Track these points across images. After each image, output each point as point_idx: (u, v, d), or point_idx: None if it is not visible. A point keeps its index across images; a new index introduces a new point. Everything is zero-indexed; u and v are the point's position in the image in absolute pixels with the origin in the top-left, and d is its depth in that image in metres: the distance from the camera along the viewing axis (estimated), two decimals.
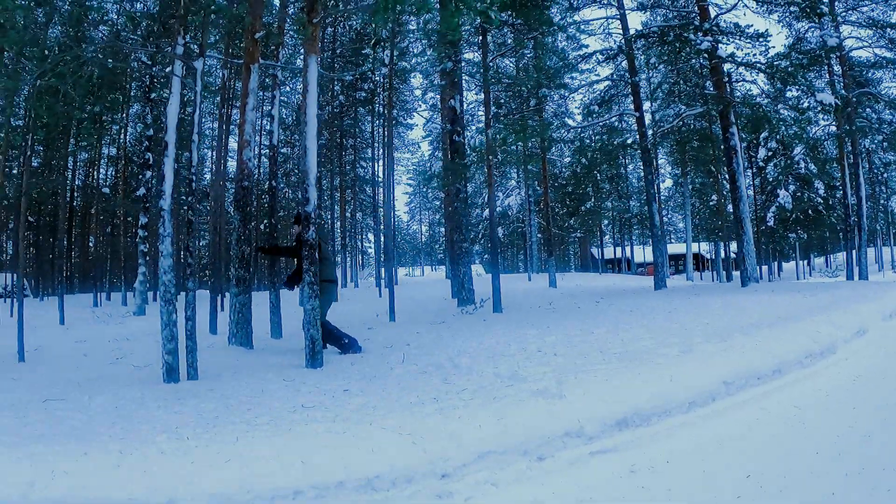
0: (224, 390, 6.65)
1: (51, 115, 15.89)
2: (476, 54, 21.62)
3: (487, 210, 30.88)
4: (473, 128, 38.25)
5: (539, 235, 41.32)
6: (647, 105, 31.15)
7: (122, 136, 29.43)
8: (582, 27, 18.94)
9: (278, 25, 12.82)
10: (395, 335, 10.78)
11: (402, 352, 8.77)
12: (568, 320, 11.32)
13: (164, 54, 9.97)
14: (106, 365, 9.26)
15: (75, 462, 4.37)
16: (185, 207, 8.61)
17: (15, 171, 26.48)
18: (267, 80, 17.05)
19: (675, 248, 48.47)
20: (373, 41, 27.20)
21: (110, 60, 12.04)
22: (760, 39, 17.61)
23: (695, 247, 43.20)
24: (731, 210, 19.17)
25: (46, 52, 8.94)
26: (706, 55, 17.16)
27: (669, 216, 51.43)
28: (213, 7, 7.98)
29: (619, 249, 53.53)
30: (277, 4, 14.42)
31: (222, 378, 7.54)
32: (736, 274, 30.62)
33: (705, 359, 6.78)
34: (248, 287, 10.92)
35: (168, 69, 8.12)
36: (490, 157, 15.13)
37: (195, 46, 8.11)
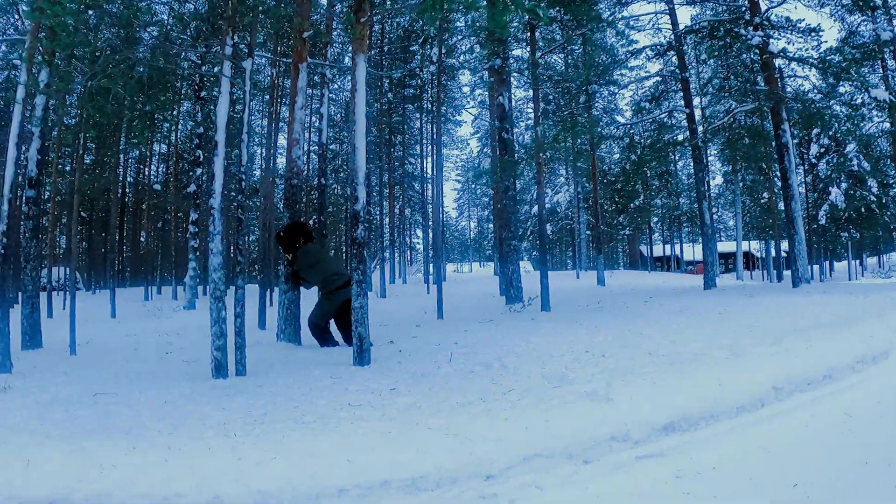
0: (272, 387, 6.73)
1: (102, 114, 16.29)
2: (525, 51, 21.56)
3: (536, 207, 30.72)
4: (522, 124, 38.18)
5: (588, 232, 41.05)
6: (696, 101, 30.77)
7: (173, 134, 30.05)
8: (631, 23, 18.67)
9: (326, 25, 12.92)
10: (443, 333, 10.74)
11: (449, 350, 8.75)
12: (616, 320, 11.22)
13: (213, 55, 10.10)
14: (156, 359, 9.47)
15: (124, 457, 4.45)
16: (235, 205, 8.73)
17: (68, 169, 27.26)
18: (316, 78, 17.21)
19: (725, 246, 47.69)
20: (421, 39, 27.32)
21: (161, 60, 12.29)
22: (812, 34, 17.18)
23: (745, 245, 42.37)
24: (783, 208, 18.71)
25: (97, 53, 9.14)
26: (757, 50, 16.81)
27: (720, 214, 50.57)
28: (261, 8, 8.06)
29: (668, 247, 52.82)
30: (325, 4, 14.51)
31: (270, 374, 7.62)
32: (787, 274, 29.97)
33: (755, 363, 6.63)
34: (298, 284, 11.04)
35: (217, 69, 8.21)
36: (539, 155, 15.04)
37: (244, 46, 8.22)
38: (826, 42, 39.42)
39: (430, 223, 26.16)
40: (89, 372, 8.41)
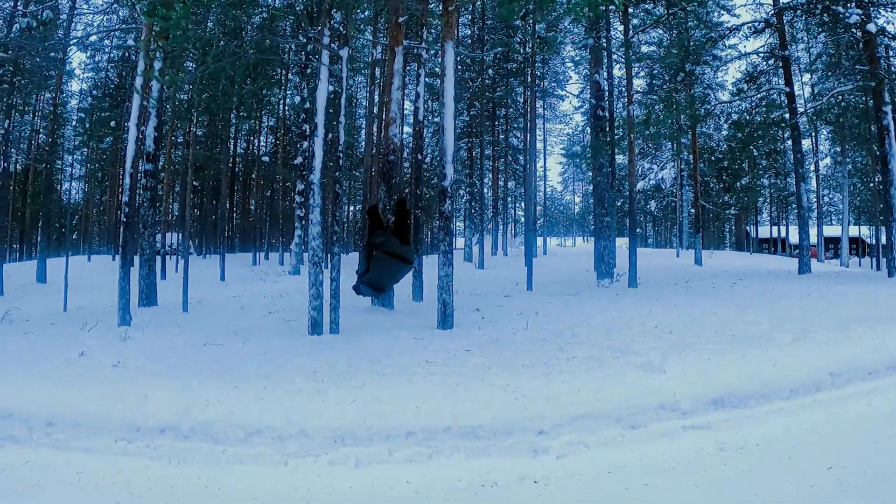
0: (359, 344, 7.48)
1: (212, 100, 17.41)
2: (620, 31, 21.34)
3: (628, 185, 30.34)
4: (622, 102, 37.54)
5: (691, 210, 40.25)
6: (805, 78, 29.55)
7: (281, 108, 31.28)
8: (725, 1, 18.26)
9: (421, 12, 13.43)
10: (528, 303, 11.30)
11: (528, 319, 9.29)
12: (697, 299, 11.39)
13: (313, 42, 10.84)
14: (259, 317, 10.43)
15: (225, 394, 5.35)
16: (333, 180, 9.48)
17: (181, 141, 28.96)
18: (412, 59, 17.80)
19: (833, 230, 45.51)
20: (521, 13, 27.36)
21: (267, 41, 13.12)
22: None
23: (854, 230, 40.38)
24: None
25: (206, 46, 10.03)
26: (854, 29, 16.13)
27: (830, 196, 48.27)
28: (352, 3, 8.65)
29: (775, 229, 50.82)
30: None
31: (360, 333, 8.40)
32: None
33: (816, 347, 6.73)
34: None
35: (317, 57, 8.91)
36: (631, 134, 15.15)
37: (340, 29, 8.88)
38: None
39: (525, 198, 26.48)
40: (199, 326, 9.46)
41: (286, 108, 30.99)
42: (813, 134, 33.55)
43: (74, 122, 36.42)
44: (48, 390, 5.54)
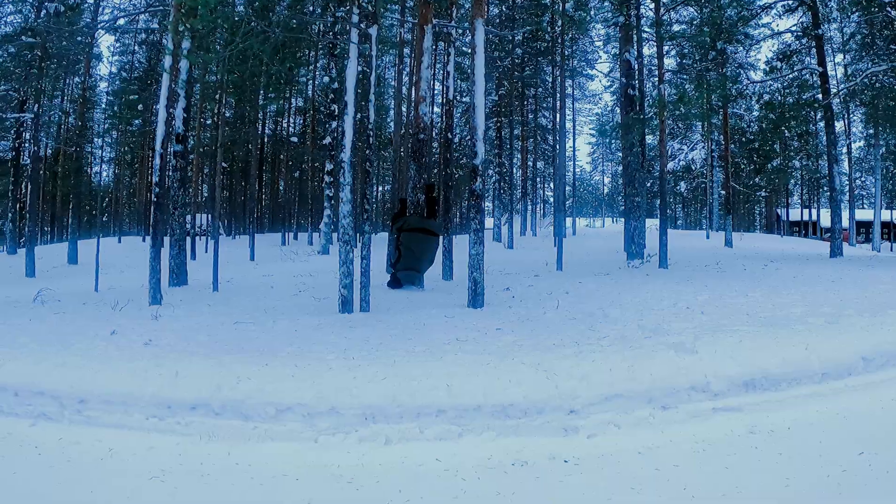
0: (390, 322, 7.54)
1: (240, 80, 17.42)
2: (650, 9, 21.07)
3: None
4: (652, 82, 37.08)
5: (721, 192, 39.76)
6: (838, 59, 28.96)
7: (309, 89, 31.34)
8: None
9: None
10: (558, 283, 11.31)
11: (558, 299, 9.31)
12: (728, 281, 11.29)
13: (342, 20, 10.91)
14: (289, 296, 10.55)
15: (256, 371, 5.42)
16: (363, 159, 9.52)
17: (209, 123, 29.21)
18: (441, 38, 17.72)
19: (865, 214, 44.72)
20: None
21: (294, 21, 13.14)
22: None
23: (886, 214, 39.67)
24: None
25: (235, 26, 10.09)
26: (890, 7, 15.74)
27: (863, 179, 47.42)
28: None
29: (806, 212, 50.12)
30: None
31: (391, 312, 8.48)
32: None
33: (849, 332, 6.62)
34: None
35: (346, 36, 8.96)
36: (663, 113, 14.99)
37: (369, 7, 8.86)
38: None
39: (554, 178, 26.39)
40: (230, 305, 9.59)
41: (314, 88, 31.03)
42: (846, 115, 32.94)
43: (104, 105, 36.89)
44: (80, 368, 5.63)
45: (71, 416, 5.17)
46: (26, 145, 27.40)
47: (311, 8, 20.63)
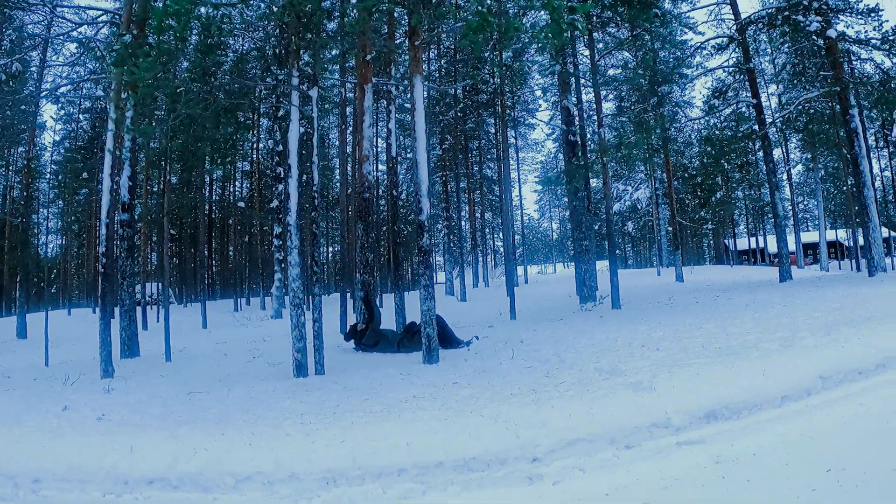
0: (346, 383, 7.43)
1: (184, 146, 17.35)
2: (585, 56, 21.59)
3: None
4: (592, 127, 37.93)
5: (668, 228, 40.50)
6: (772, 89, 30.06)
7: (254, 153, 31.30)
8: (688, 18, 18.58)
9: (386, 49, 13.56)
10: (512, 332, 11.33)
11: (513, 348, 9.29)
12: (681, 316, 11.43)
13: (283, 84, 10.99)
14: (243, 363, 10.33)
15: (213, 441, 5.28)
16: (310, 221, 9.46)
17: (156, 189, 28.94)
18: (382, 96, 17.91)
19: (810, 236, 46.02)
20: (490, 43, 27.61)
21: (236, 85, 13.17)
22: (872, 14, 16.71)
23: (831, 234, 40.89)
24: None
25: (178, 90, 10.09)
26: (816, 37, 16.48)
27: (805, 202, 48.92)
28: (320, 43, 8.72)
29: (753, 240, 51.33)
30: (386, 28, 15.17)
31: (346, 373, 8.35)
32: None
33: (804, 353, 6.77)
34: (372, 291, 11.72)
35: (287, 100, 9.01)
36: (604, 157, 15.28)
37: (308, 70, 8.93)
38: (889, 21, 37.23)
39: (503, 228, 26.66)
40: (183, 375, 9.36)
41: (259, 152, 31.00)
42: (783, 143, 34.08)
43: (48, 175, 36.31)
44: (33, 446, 5.47)
45: (26, 497, 4.99)
46: None
47: (252, 71, 20.70)
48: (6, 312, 35.37)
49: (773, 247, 50.75)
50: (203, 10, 8.36)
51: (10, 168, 32.05)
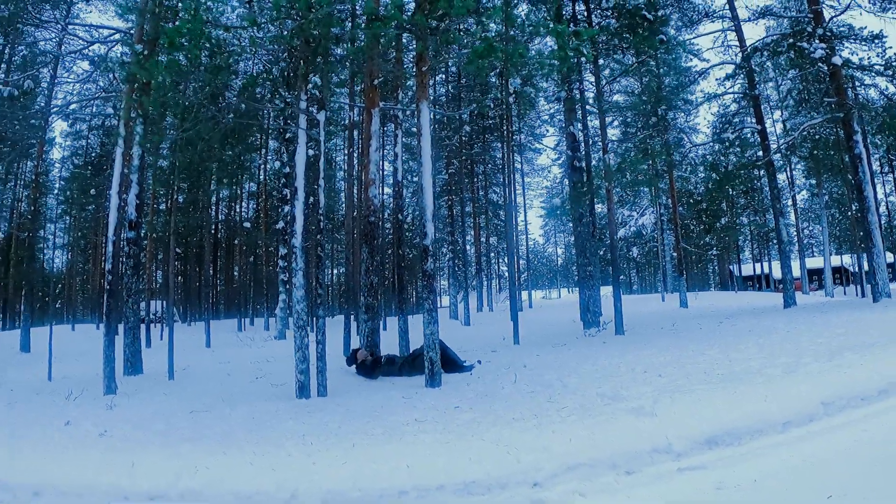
0: (348, 405, 7.45)
1: (190, 166, 17.53)
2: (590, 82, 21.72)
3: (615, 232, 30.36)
4: (598, 154, 37.93)
5: (673, 254, 40.48)
6: (777, 114, 30.20)
7: (260, 174, 31.48)
8: (692, 45, 18.68)
9: (394, 74, 13.67)
10: (515, 357, 11.31)
11: (516, 373, 9.29)
12: (683, 341, 11.43)
13: (291, 106, 11.14)
14: (246, 383, 10.36)
15: (215, 460, 5.30)
16: (315, 244, 9.53)
17: (163, 208, 29.12)
18: (389, 120, 18.02)
19: (815, 261, 45.93)
20: (493, 70, 27.84)
21: (243, 105, 13.31)
22: (876, 41, 16.84)
23: (836, 260, 40.83)
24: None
25: (187, 107, 10.23)
26: (821, 63, 16.60)
27: (810, 228, 48.88)
28: (328, 67, 8.85)
29: (758, 266, 51.27)
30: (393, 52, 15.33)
31: (349, 395, 8.38)
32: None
33: (807, 379, 6.76)
34: (376, 314, 11.77)
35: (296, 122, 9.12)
36: (609, 183, 15.33)
37: (317, 93, 9.04)
38: (892, 48, 37.40)
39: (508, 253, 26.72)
40: (186, 393, 9.38)
41: (266, 173, 31.17)
42: (788, 168, 34.17)
43: (56, 191, 36.58)
44: (34, 460, 5.50)
45: None
46: None
47: (261, 93, 20.92)
48: (10, 326, 35.47)
49: (777, 272, 50.57)
50: (213, 31, 8.49)
51: (19, 182, 32.30)
